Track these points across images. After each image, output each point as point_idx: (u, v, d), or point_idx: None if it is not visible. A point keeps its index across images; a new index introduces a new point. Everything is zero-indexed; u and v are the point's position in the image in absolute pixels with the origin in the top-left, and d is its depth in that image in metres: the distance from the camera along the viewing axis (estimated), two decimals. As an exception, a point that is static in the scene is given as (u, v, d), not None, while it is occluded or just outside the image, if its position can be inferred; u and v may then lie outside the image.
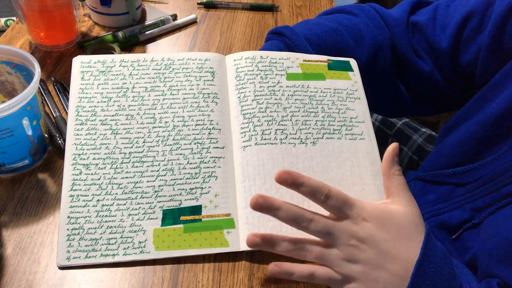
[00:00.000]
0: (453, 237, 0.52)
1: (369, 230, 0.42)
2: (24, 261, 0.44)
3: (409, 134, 0.81)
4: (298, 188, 0.42)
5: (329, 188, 0.42)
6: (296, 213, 0.42)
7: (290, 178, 0.42)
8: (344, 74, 0.57)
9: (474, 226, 0.49)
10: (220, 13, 0.83)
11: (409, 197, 0.46)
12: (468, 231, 0.51)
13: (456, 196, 0.53)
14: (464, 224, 0.51)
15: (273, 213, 0.42)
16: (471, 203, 0.50)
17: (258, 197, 0.41)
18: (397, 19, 0.62)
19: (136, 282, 0.43)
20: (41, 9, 0.65)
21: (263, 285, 0.44)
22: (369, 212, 0.43)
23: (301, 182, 0.42)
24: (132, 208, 0.46)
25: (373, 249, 0.42)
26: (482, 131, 0.51)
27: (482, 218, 0.48)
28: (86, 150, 0.49)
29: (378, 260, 0.42)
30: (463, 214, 0.51)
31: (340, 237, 0.42)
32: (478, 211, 0.50)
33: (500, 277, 0.43)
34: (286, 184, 0.42)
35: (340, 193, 0.43)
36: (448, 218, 0.53)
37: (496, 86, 0.50)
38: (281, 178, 0.42)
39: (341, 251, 0.42)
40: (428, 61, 0.61)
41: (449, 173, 0.54)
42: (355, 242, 0.42)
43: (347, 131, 0.53)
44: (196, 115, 0.52)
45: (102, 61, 0.55)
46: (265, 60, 0.56)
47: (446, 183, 0.55)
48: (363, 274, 0.41)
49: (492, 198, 0.48)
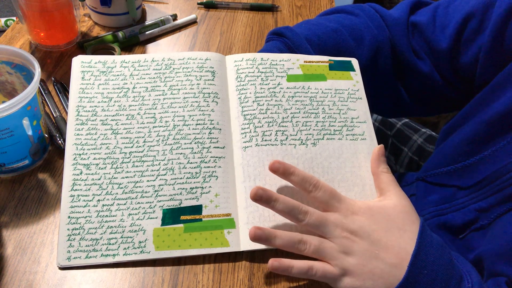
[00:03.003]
0: (460, 237, 0.52)
1: (359, 222, 0.44)
2: (24, 261, 0.44)
3: (409, 135, 0.81)
4: (289, 177, 0.45)
5: (317, 180, 0.45)
6: (292, 205, 0.44)
7: (282, 167, 0.45)
8: (345, 74, 0.57)
9: (482, 228, 0.50)
10: (220, 13, 0.83)
11: (399, 192, 0.47)
12: (474, 232, 0.51)
13: (460, 197, 0.53)
14: (470, 225, 0.51)
15: (271, 205, 0.44)
16: (474, 204, 0.51)
17: (258, 189, 0.43)
18: (397, 19, 0.62)
19: (136, 282, 0.43)
20: (41, 9, 0.65)
21: (263, 285, 0.44)
22: (358, 206, 0.45)
23: (291, 172, 0.45)
24: (132, 208, 0.46)
25: (364, 240, 0.43)
26: (484, 131, 0.51)
27: (490, 220, 0.48)
28: (86, 150, 0.49)
29: (372, 251, 0.43)
30: (467, 215, 0.51)
31: (333, 230, 0.44)
32: (483, 212, 0.50)
33: (507, 276, 0.43)
34: (278, 172, 0.45)
35: (329, 186, 0.46)
36: (452, 219, 0.53)
37: (498, 87, 0.50)
38: (273, 167, 0.45)
39: (336, 243, 0.43)
40: (428, 61, 0.61)
41: (449, 171, 0.54)
42: (347, 234, 0.44)
43: (348, 131, 0.53)
44: (197, 114, 0.52)
45: (103, 61, 0.55)
46: (265, 62, 0.56)
47: (449, 185, 0.55)
48: (359, 266, 0.42)
49: (496, 199, 0.48)
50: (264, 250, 0.46)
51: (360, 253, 0.43)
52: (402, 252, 0.42)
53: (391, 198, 0.47)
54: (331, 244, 0.43)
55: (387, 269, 0.42)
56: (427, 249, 0.42)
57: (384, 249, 0.43)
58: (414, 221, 0.45)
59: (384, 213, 0.45)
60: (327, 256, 0.43)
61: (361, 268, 0.42)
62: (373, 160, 0.50)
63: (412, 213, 0.46)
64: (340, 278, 0.43)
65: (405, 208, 0.46)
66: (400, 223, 0.44)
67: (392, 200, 0.46)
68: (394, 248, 0.43)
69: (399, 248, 0.43)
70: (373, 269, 0.42)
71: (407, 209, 0.46)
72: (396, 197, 0.46)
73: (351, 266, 0.42)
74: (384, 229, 0.44)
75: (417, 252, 0.42)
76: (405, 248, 0.43)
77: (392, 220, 0.45)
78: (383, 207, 0.46)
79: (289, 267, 0.42)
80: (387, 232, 0.44)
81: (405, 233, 0.44)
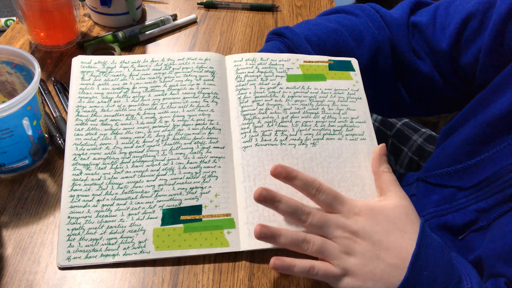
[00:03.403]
0: (459, 238, 0.52)
1: (361, 223, 0.44)
2: (24, 261, 0.44)
3: (409, 135, 0.81)
4: (292, 181, 0.45)
5: (320, 183, 0.45)
6: (295, 206, 0.44)
7: (284, 171, 0.44)
8: (345, 74, 0.57)
9: (482, 229, 0.49)
10: (220, 13, 0.83)
11: (400, 192, 0.47)
12: (473, 233, 0.51)
13: (460, 197, 0.53)
14: (470, 226, 0.51)
15: (274, 205, 0.44)
16: (475, 205, 0.51)
17: (262, 190, 0.43)
18: (397, 19, 0.62)
19: (136, 282, 0.43)
20: (41, 9, 0.65)
21: (263, 285, 0.44)
22: (359, 207, 0.45)
23: (294, 176, 0.44)
24: (132, 208, 0.46)
25: (366, 240, 0.43)
26: (485, 132, 0.50)
27: (489, 220, 0.48)
28: (86, 150, 0.49)
29: (373, 251, 0.43)
30: (467, 216, 0.51)
31: (335, 231, 0.44)
32: (483, 212, 0.50)
33: (507, 277, 0.43)
34: (281, 177, 0.45)
35: (331, 188, 0.45)
36: (452, 220, 0.53)
37: (499, 88, 0.50)
38: (276, 171, 0.44)
39: (338, 244, 0.44)
40: (428, 61, 0.61)
41: (450, 172, 0.54)
42: (349, 235, 0.44)
43: (347, 131, 0.53)
44: (196, 114, 0.52)
45: (103, 62, 0.55)
46: (265, 62, 0.56)
47: (449, 186, 0.55)
48: (360, 266, 0.42)
49: (496, 199, 0.48)
50: (264, 250, 0.47)
51: (361, 254, 0.43)
52: (403, 252, 0.43)
53: (391, 198, 0.47)
54: (333, 244, 0.44)
55: (388, 269, 0.42)
56: (427, 250, 0.42)
57: (385, 249, 0.43)
58: (415, 222, 0.45)
59: (385, 214, 0.45)
60: (329, 256, 0.43)
61: (361, 268, 0.42)
62: (374, 159, 0.50)
63: (412, 213, 0.46)
64: (341, 278, 0.43)
65: (406, 209, 0.46)
66: (400, 224, 0.45)
67: (392, 201, 0.46)
68: (395, 249, 0.43)
69: (400, 248, 0.43)
70: (373, 269, 0.42)
71: (407, 209, 0.46)
72: (396, 198, 0.47)
73: (352, 266, 0.42)
74: (385, 230, 0.44)
75: (417, 252, 0.42)
76: (406, 249, 0.43)
77: (393, 221, 0.45)
78: (384, 208, 0.46)
79: (291, 265, 0.42)
80: (388, 233, 0.44)
81: (406, 234, 0.44)
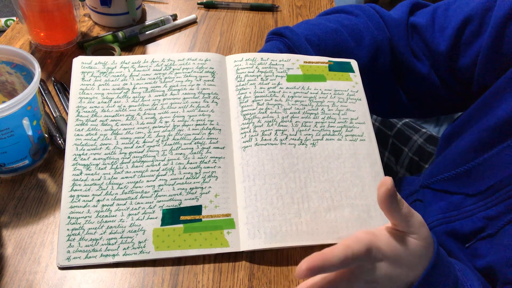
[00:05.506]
0: (466, 246, 0.51)
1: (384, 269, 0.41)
2: (24, 261, 0.44)
3: (409, 135, 0.81)
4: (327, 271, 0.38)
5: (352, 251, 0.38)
6: None
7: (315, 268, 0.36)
8: (345, 75, 0.57)
9: (490, 236, 0.49)
10: (220, 13, 0.83)
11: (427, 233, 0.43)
12: (481, 241, 0.50)
13: (468, 204, 0.52)
14: (477, 234, 0.50)
15: None
16: (483, 212, 0.50)
17: None
18: (397, 20, 0.62)
19: (136, 282, 0.43)
20: (41, 9, 0.65)
21: (263, 285, 0.44)
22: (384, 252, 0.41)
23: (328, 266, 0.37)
24: (132, 208, 0.46)
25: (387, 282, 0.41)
26: (488, 137, 0.50)
27: (498, 228, 0.48)
28: (86, 150, 0.49)
29: None
30: (475, 223, 0.50)
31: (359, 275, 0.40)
32: (491, 220, 0.49)
33: None
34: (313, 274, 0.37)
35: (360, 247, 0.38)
36: (460, 227, 0.52)
37: (500, 92, 0.50)
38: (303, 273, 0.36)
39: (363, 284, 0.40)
40: (426, 63, 0.61)
41: (451, 176, 0.54)
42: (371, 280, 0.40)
43: (347, 132, 0.53)
44: (196, 115, 0.52)
45: (103, 62, 0.55)
46: (265, 61, 0.56)
47: (455, 193, 0.54)
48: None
49: (505, 206, 0.47)
50: (264, 251, 0.47)
51: None
52: None
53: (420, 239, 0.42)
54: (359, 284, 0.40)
55: None
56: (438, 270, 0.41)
57: None
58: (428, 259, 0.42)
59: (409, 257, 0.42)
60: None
61: None
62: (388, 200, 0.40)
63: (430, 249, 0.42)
64: None
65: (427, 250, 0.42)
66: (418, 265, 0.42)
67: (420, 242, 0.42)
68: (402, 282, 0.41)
69: None
70: None
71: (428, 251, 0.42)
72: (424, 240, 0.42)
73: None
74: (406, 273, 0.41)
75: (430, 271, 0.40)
76: None
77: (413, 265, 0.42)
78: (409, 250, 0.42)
79: None
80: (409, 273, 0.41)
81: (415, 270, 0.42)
